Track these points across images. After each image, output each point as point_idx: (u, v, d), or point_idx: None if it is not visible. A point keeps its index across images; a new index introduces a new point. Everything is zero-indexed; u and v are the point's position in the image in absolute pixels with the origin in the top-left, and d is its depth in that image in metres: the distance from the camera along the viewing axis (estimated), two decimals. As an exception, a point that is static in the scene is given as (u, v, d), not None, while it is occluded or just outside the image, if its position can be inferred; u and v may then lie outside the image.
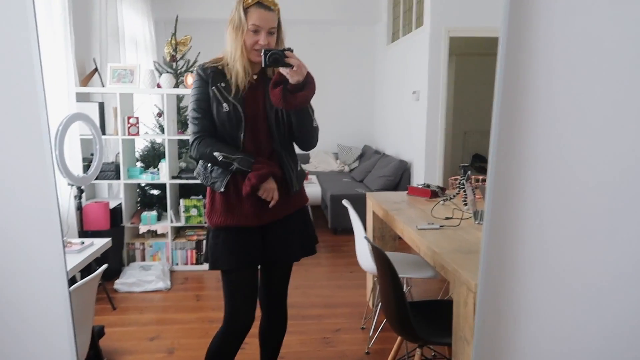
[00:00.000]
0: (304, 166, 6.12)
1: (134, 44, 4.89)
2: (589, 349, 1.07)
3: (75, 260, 2.24)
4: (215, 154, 1.73)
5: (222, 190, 1.78)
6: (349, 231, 5.00)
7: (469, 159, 6.67)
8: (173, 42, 4.19)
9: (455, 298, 1.76)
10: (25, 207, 1.21)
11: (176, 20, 4.27)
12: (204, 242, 2.52)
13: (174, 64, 4.19)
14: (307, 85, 1.68)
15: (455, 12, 4.58)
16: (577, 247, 1.06)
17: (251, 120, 1.76)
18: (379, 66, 6.82)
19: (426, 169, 4.83)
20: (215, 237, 1.82)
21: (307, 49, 1.57)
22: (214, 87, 1.74)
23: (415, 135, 5.09)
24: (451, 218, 2.47)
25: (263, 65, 1.62)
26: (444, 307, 2.14)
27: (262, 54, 1.61)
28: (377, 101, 7.00)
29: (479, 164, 6.55)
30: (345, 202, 2.71)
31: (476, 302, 1.27)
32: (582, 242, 1.05)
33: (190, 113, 1.80)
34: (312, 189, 5.60)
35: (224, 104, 1.73)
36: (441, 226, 2.30)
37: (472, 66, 6.33)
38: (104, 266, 1.97)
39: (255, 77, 1.79)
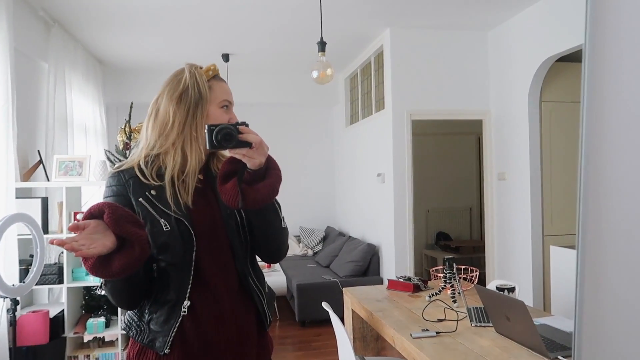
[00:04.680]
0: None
1: (83, 131, 4.60)
2: None
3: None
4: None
5: (166, 351, 1.19)
6: (319, 323, 4.65)
7: (434, 238, 6.58)
8: (127, 129, 3.95)
9: None
10: None
11: (131, 107, 4.06)
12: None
13: (127, 152, 3.92)
14: (270, 171, 1.20)
15: (415, 96, 4.65)
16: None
17: (206, 238, 1.24)
18: (338, 147, 6.80)
19: (396, 252, 4.65)
20: None
21: (264, 128, 1.26)
22: (141, 199, 1.20)
23: (383, 218, 4.95)
24: (444, 319, 2.25)
25: (209, 146, 1.15)
26: None
27: (205, 131, 1.16)
28: (337, 182, 6.91)
29: (443, 242, 6.47)
30: (325, 306, 2.44)
31: None
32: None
33: None
34: (276, 278, 5.25)
35: (162, 220, 1.19)
36: (437, 333, 2.06)
37: (428, 146, 6.44)
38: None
39: (200, 176, 1.29)
